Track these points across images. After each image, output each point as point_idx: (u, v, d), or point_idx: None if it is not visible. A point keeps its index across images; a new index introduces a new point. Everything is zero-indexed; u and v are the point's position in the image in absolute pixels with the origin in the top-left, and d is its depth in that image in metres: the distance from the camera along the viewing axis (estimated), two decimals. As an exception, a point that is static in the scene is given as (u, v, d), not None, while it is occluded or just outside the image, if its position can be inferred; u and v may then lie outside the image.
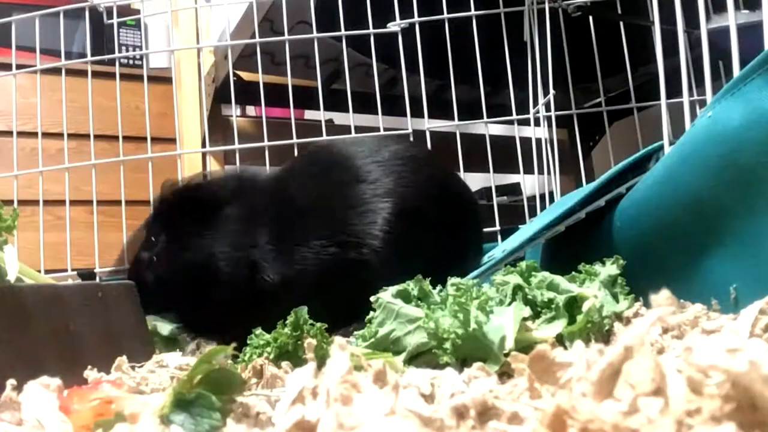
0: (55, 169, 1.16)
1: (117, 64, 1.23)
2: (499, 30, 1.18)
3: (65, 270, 1.11)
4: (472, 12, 1.16)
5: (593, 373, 0.23)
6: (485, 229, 1.16)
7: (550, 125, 1.15)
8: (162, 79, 1.55)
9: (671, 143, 0.74)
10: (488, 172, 1.21)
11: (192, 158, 1.31)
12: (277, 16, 1.26)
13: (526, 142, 1.21)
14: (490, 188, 1.46)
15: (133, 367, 0.51)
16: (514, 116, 1.21)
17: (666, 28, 0.79)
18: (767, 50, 0.55)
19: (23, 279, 0.55)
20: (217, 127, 1.43)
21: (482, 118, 1.21)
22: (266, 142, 1.17)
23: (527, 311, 0.54)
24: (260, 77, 1.18)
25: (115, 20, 1.27)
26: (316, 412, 0.25)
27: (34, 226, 0.93)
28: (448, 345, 0.50)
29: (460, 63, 1.16)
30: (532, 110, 1.18)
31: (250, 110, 2.13)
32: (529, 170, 1.21)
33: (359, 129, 1.21)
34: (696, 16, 0.71)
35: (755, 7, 0.75)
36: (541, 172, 1.17)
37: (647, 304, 0.59)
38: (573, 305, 0.56)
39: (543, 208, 1.10)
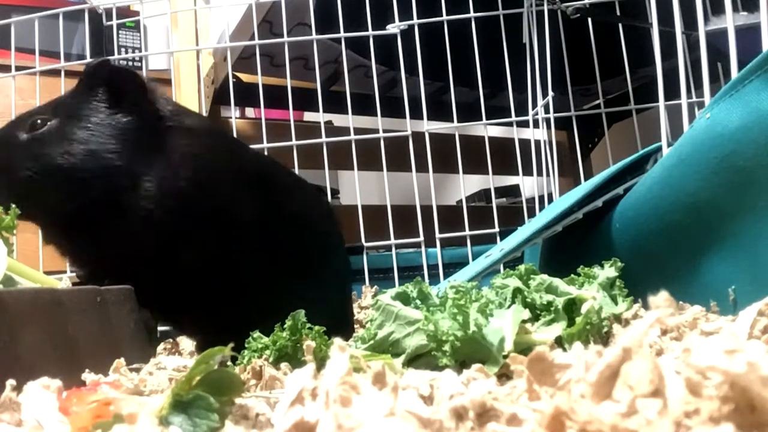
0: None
1: (116, 65, 1.23)
2: (498, 32, 1.18)
3: (64, 272, 1.11)
4: (471, 14, 1.16)
5: (592, 374, 0.23)
6: (485, 231, 1.16)
7: (549, 127, 1.15)
8: (161, 80, 1.55)
9: (669, 145, 0.74)
10: (487, 173, 1.21)
11: (191, 160, 1.31)
12: (277, 18, 1.26)
13: (525, 143, 1.22)
14: (489, 190, 1.46)
15: (131, 370, 0.51)
16: (513, 118, 1.21)
17: (664, 30, 0.80)
18: (766, 52, 0.55)
19: (14, 278, 0.55)
20: (217, 129, 1.43)
21: (481, 119, 1.21)
22: (265, 144, 1.17)
23: (526, 314, 0.54)
24: (259, 79, 1.19)
25: (114, 22, 1.27)
26: (315, 413, 0.25)
27: (33, 227, 0.93)
28: (447, 347, 0.50)
29: (459, 65, 1.16)
30: (531, 112, 1.18)
31: (250, 112, 2.13)
32: (528, 172, 1.21)
33: (358, 131, 1.21)
34: (694, 18, 0.71)
35: (753, 9, 0.75)
36: (540, 173, 1.18)
37: (646, 306, 0.59)
38: (572, 307, 0.56)
39: (542, 209, 1.10)
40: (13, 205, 0.58)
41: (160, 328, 0.96)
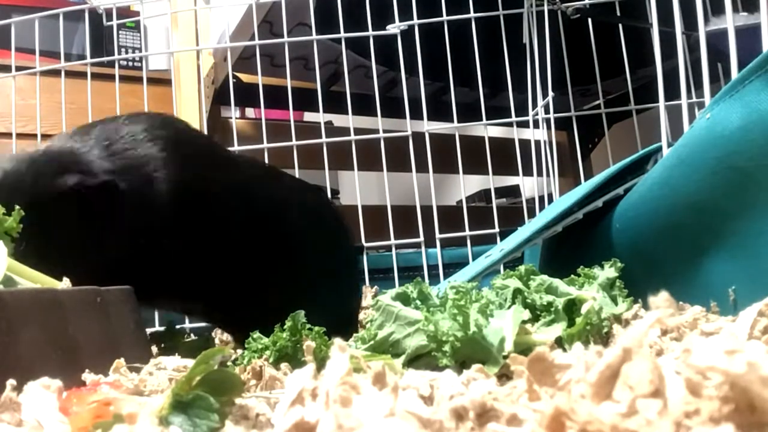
0: (54, 171, 1.16)
1: (116, 66, 1.23)
2: (498, 32, 1.18)
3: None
4: (471, 14, 1.16)
5: (592, 374, 0.23)
6: (485, 231, 1.16)
7: (549, 127, 1.15)
8: (161, 80, 1.55)
9: (670, 145, 0.74)
10: (487, 174, 1.21)
11: (191, 160, 1.31)
12: (277, 18, 1.26)
13: (525, 144, 1.22)
14: (489, 190, 1.46)
15: (131, 370, 0.51)
16: (513, 118, 1.21)
17: (664, 31, 0.80)
18: (766, 52, 0.55)
19: (14, 278, 0.55)
20: (217, 129, 1.43)
21: (481, 120, 1.21)
22: (265, 144, 1.17)
23: (527, 314, 0.54)
24: (260, 79, 1.18)
25: (114, 22, 1.27)
26: (315, 414, 0.25)
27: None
28: (447, 348, 0.50)
29: (459, 65, 1.16)
30: (531, 112, 1.18)
31: (250, 112, 2.13)
32: (528, 172, 1.21)
33: (358, 131, 1.21)
34: (694, 19, 0.71)
35: (753, 10, 0.75)
36: (540, 174, 1.18)
37: (646, 306, 0.59)
38: (572, 308, 0.56)
39: (542, 210, 1.10)
40: (17, 207, 0.57)
41: (159, 328, 0.96)
